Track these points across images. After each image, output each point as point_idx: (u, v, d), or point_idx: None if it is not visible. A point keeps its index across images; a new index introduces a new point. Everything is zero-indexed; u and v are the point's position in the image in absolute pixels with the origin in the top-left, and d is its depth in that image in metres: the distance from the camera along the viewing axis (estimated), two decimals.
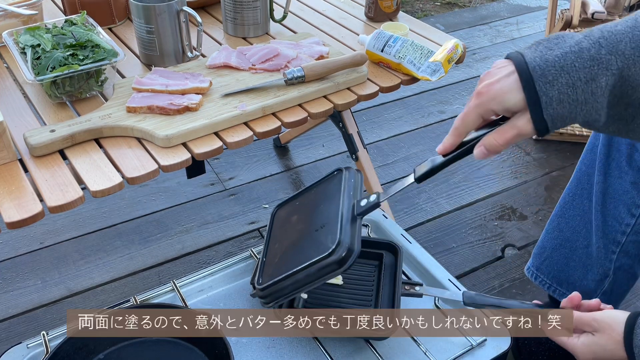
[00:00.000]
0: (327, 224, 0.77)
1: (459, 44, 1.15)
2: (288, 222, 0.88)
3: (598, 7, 1.75)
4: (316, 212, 0.83)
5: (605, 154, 0.98)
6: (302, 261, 0.74)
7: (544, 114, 0.59)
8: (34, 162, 0.89)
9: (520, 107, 0.61)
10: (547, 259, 1.11)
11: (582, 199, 1.04)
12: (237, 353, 0.81)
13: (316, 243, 0.76)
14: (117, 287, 1.43)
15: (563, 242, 1.08)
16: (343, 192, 0.80)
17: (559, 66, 0.59)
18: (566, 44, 0.60)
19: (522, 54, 0.62)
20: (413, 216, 1.65)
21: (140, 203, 1.67)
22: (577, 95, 0.58)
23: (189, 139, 0.94)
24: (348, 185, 0.81)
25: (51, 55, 0.98)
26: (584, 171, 1.03)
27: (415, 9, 2.93)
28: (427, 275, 0.94)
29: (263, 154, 1.88)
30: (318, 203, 0.84)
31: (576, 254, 1.06)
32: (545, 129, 0.61)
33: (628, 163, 0.95)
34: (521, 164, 1.87)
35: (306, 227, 0.82)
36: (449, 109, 2.14)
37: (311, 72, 1.05)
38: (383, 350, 0.82)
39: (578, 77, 0.58)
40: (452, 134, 0.66)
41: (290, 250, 0.81)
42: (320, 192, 0.86)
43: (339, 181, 0.83)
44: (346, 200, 0.79)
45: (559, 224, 1.09)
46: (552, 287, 1.12)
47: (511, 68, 0.62)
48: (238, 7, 1.23)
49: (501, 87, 0.61)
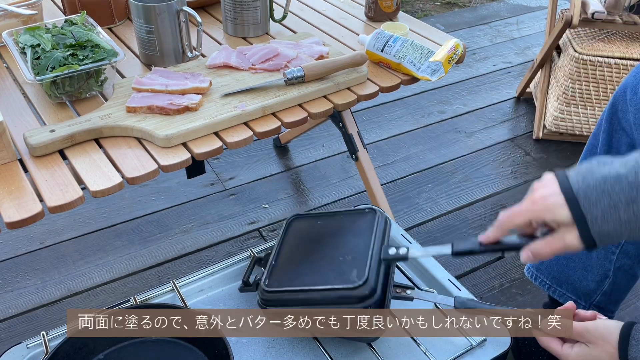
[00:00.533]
0: (354, 258, 0.80)
1: (459, 44, 1.15)
2: (306, 237, 0.90)
3: (598, 7, 1.75)
4: (343, 241, 0.86)
5: (605, 154, 0.98)
6: (320, 282, 0.78)
7: (591, 231, 0.64)
8: (34, 162, 0.89)
9: (569, 222, 0.65)
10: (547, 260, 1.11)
11: None
12: (237, 353, 0.81)
13: (339, 271, 0.79)
14: (117, 287, 1.43)
15: None
16: (375, 233, 0.83)
17: (600, 190, 0.64)
18: (605, 168, 0.65)
19: (567, 176, 0.66)
20: (413, 216, 1.65)
21: (140, 203, 1.67)
22: (620, 215, 0.63)
23: (189, 139, 0.94)
24: (379, 228, 0.85)
25: (51, 55, 0.98)
26: None
27: (415, 9, 2.93)
28: (427, 275, 0.93)
29: (263, 154, 1.88)
30: (345, 233, 0.87)
31: (576, 254, 1.06)
32: (593, 244, 0.65)
33: None
34: (521, 164, 1.87)
35: (329, 251, 0.85)
36: (449, 109, 2.14)
37: (311, 72, 1.05)
38: (383, 350, 0.82)
39: (619, 199, 0.63)
40: (497, 229, 0.71)
41: (307, 266, 0.84)
42: (349, 223, 0.89)
43: (372, 221, 0.86)
44: (377, 242, 0.82)
45: None
46: (552, 288, 1.12)
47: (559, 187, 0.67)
48: (238, 7, 1.23)
49: (555, 201, 0.66)
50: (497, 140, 1.98)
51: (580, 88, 1.82)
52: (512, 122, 2.08)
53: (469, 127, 2.04)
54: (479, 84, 2.30)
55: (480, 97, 2.22)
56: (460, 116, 2.10)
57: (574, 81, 1.81)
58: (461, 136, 2.00)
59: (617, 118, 0.95)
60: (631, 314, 1.38)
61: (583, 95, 1.83)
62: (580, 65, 1.78)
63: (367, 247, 0.80)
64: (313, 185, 1.76)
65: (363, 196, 1.71)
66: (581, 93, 1.82)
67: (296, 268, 0.84)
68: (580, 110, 1.86)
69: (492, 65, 2.42)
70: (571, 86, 1.82)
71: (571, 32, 1.89)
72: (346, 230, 0.86)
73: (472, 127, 2.04)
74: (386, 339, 0.83)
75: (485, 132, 2.02)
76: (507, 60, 2.47)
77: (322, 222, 0.90)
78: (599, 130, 1.00)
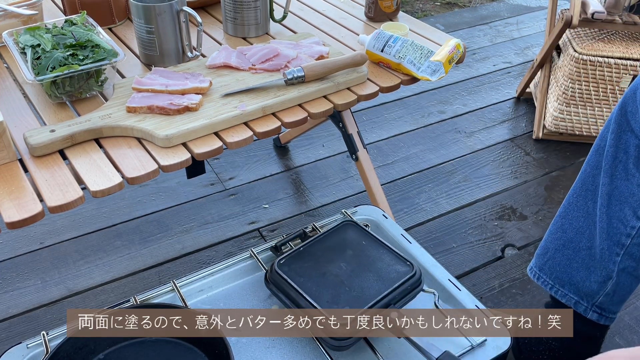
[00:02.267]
0: (356, 297, 0.82)
1: (460, 44, 1.15)
2: (340, 247, 0.90)
3: (598, 7, 1.75)
4: (363, 275, 0.86)
5: (612, 155, 0.97)
6: (313, 295, 0.81)
7: None
8: (34, 162, 0.89)
9: None
10: (550, 259, 1.11)
11: (587, 200, 1.04)
12: (237, 353, 0.81)
13: (335, 298, 0.81)
14: (117, 287, 1.43)
15: (566, 243, 1.08)
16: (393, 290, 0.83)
17: None
18: None
19: None
20: (413, 216, 1.65)
21: (140, 203, 1.67)
22: None
23: (189, 139, 0.94)
24: (403, 286, 0.84)
25: (51, 55, 0.98)
26: (589, 172, 1.03)
27: (415, 9, 2.93)
28: (427, 276, 0.93)
29: (263, 154, 1.88)
30: (370, 269, 0.87)
31: (579, 255, 1.06)
32: None
33: (635, 165, 0.95)
34: (521, 164, 1.87)
35: (345, 274, 0.85)
36: (449, 109, 2.14)
37: (311, 72, 1.05)
38: (383, 350, 0.82)
39: None
40: None
41: (318, 271, 0.85)
42: (384, 264, 0.88)
43: (404, 274, 0.85)
44: (385, 300, 0.82)
45: (562, 224, 1.09)
46: (555, 288, 1.11)
47: None
48: (238, 7, 1.23)
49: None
50: (497, 140, 1.98)
51: (580, 88, 1.82)
52: (512, 122, 2.08)
53: (469, 127, 2.04)
54: (478, 84, 2.30)
55: (480, 97, 2.22)
56: (460, 116, 2.10)
57: (574, 81, 1.81)
58: (461, 136, 2.00)
59: (626, 119, 0.95)
60: (631, 313, 1.38)
61: (583, 95, 1.83)
62: (580, 65, 1.78)
63: (374, 297, 0.81)
64: (313, 185, 1.76)
65: (363, 196, 1.71)
66: (581, 93, 1.82)
67: (310, 267, 0.86)
68: (580, 111, 1.86)
69: (492, 65, 2.42)
70: (571, 86, 1.82)
71: (571, 32, 1.90)
72: (373, 268, 0.86)
73: (472, 127, 2.04)
74: (386, 339, 0.83)
75: (485, 132, 2.02)
76: (507, 60, 2.47)
77: (366, 244, 0.90)
78: (607, 131, 1.00)
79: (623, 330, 1.33)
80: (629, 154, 0.95)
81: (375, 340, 0.83)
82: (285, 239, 0.94)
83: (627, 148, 0.96)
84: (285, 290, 0.83)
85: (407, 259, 0.87)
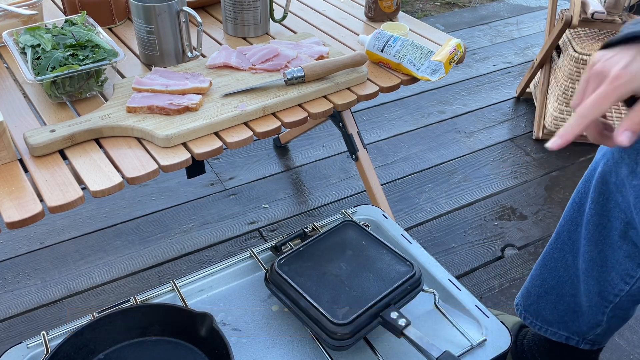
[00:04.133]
0: (357, 296, 0.81)
1: (460, 45, 1.14)
2: (341, 247, 0.90)
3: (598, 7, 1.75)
4: (363, 275, 0.85)
5: (595, 224, 0.91)
6: (314, 295, 0.80)
7: None
8: (34, 162, 0.89)
9: None
10: (534, 304, 1.08)
11: (564, 253, 1.00)
12: (237, 353, 0.81)
13: (335, 298, 0.80)
14: (117, 287, 1.43)
15: (548, 290, 1.05)
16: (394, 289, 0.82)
17: None
18: None
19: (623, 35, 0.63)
20: (413, 216, 1.65)
21: (140, 203, 1.67)
22: None
23: (189, 139, 0.94)
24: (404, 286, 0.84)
25: (51, 55, 0.98)
26: (565, 227, 0.99)
27: (415, 9, 2.93)
28: (427, 276, 0.93)
29: (263, 154, 1.88)
30: (371, 269, 0.86)
31: (564, 300, 1.03)
32: None
33: (622, 238, 0.89)
34: (521, 164, 1.87)
35: (345, 274, 0.85)
36: (449, 109, 2.14)
37: (311, 72, 1.05)
38: (383, 350, 0.82)
39: None
40: (579, 123, 0.64)
41: (319, 271, 0.85)
42: (384, 264, 0.87)
43: (404, 274, 0.85)
44: (387, 299, 0.81)
45: (541, 273, 1.05)
46: (544, 328, 1.08)
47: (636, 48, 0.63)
48: (238, 7, 1.23)
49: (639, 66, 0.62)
50: (496, 140, 1.98)
51: None
52: (512, 122, 2.08)
53: (469, 127, 2.04)
54: (478, 84, 2.30)
55: (480, 97, 2.22)
56: (460, 116, 2.11)
57: (574, 81, 1.81)
58: (461, 136, 2.00)
59: (608, 189, 0.87)
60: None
61: None
62: (580, 66, 1.78)
63: (375, 296, 0.80)
64: (313, 185, 1.76)
65: (363, 196, 1.71)
66: None
67: (310, 267, 0.85)
68: None
69: (492, 66, 2.42)
70: (571, 86, 1.82)
71: (571, 32, 1.90)
72: (373, 268, 0.86)
73: (472, 127, 2.04)
74: (386, 339, 0.83)
75: (485, 132, 2.02)
76: (507, 60, 2.47)
77: (366, 244, 0.90)
78: (584, 191, 0.93)
79: (623, 330, 1.33)
80: (614, 227, 0.89)
81: (375, 340, 0.83)
82: (285, 239, 0.94)
83: (611, 220, 0.89)
84: (285, 290, 0.82)
85: (407, 259, 0.86)
